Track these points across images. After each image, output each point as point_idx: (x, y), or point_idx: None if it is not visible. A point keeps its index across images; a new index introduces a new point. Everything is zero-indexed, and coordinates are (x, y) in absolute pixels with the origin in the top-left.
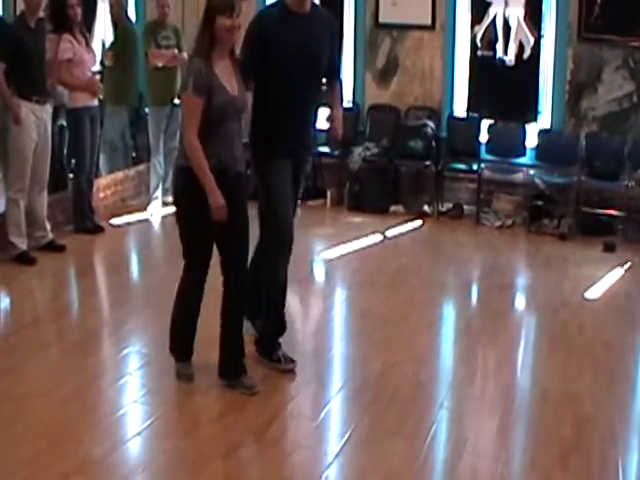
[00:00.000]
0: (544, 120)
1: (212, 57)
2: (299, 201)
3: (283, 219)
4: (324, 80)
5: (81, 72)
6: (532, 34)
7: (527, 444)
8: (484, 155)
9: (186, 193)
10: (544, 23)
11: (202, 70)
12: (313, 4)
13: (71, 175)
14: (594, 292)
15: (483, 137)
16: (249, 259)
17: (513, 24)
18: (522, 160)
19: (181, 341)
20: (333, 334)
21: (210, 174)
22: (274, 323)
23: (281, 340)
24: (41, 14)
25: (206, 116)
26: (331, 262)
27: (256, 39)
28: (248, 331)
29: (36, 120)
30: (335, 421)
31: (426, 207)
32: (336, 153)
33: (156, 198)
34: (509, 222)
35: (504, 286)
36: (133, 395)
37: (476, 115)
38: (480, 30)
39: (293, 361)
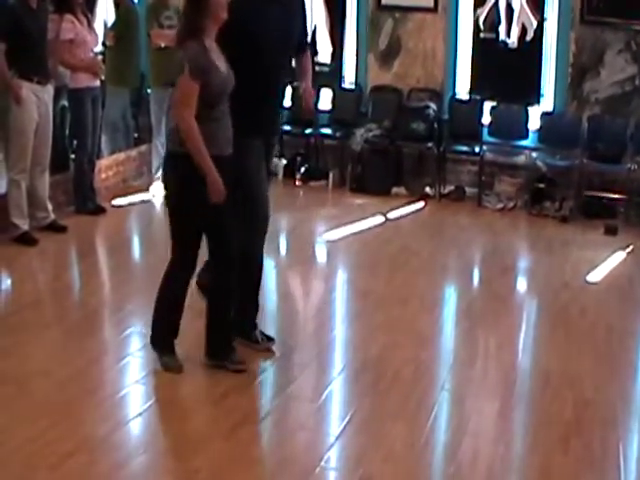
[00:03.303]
0: (546, 103)
1: (206, 37)
2: (272, 177)
3: (259, 198)
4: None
5: (83, 53)
6: (535, 17)
7: (528, 427)
8: (486, 137)
9: (183, 181)
10: (547, 6)
11: (199, 53)
12: None
13: (73, 156)
14: (596, 275)
15: (485, 119)
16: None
17: (516, 6)
18: (524, 142)
19: (169, 331)
20: (334, 316)
21: (209, 156)
22: (251, 303)
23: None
24: None
25: (202, 99)
26: (333, 244)
27: (232, 21)
28: None
29: (37, 101)
30: (336, 403)
31: (428, 189)
32: (338, 135)
33: (158, 179)
34: (511, 205)
35: (505, 269)
36: (134, 376)
37: (478, 97)
38: (483, 12)
39: (271, 339)
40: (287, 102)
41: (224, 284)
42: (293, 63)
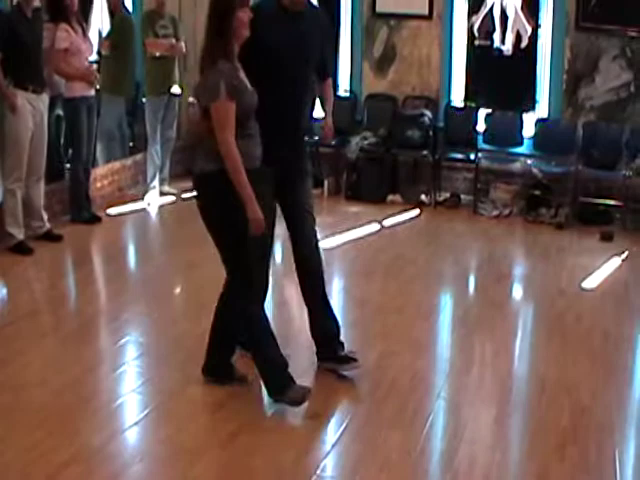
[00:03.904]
0: (541, 109)
1: (233, 57)
2: (309, 205)
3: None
4: (315, 81)
5: (78, 61)
6: (529, 23)
7: (524, 434)
8: (481, 145)
9: (221, 196)
10: (541, 12)
11: (232, 75)
12: (308, 2)
13: (68, 165)
14: (591, 282)
15: (480, 126)
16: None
17: (510, 13)
18: (519, 149)
19: (279, 364)
20: None
21: (249, 184)
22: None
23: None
24: (38, 3)
25: (236, 118)
26: (328, 251)
27: (250, 37)
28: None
29: (32, 109)
30: (332, 411)
31: (423, 197)
32: (333, 143)
33: (153, 188)
34: (506, 212)
35: (501, 276)
36: (130, 384)
37: (473, 104)
38: (477, 20)
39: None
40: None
41: (238, 307)
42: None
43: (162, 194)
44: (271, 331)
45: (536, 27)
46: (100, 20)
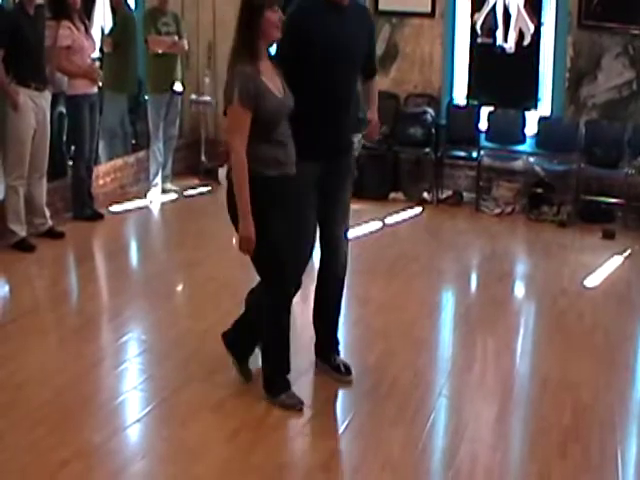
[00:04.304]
0: (544, 107)
1: (258, 59)
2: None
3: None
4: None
5: (80, 59)
6: (532, 21)
7: (526, 432)
8: (484, 142)
9: (259, 200)
10: (544, 10)
11: (249, 79)
12: None
13: (70, 162)
14: (593, 280)
15: (483, 124)
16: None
17: (513, 11)
18: (522, 147)
19: (283, 369)
20: None
21: (248, 197)
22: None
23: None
24: (40, 1)
25: (258, 123)
26: None
27: (296, 32)
28: None
29: (35, 107)
30: (334, 408)
31: (425, 194)
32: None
33: (155, 185)
34: (508, 209)
35: (503, 273)
36: (132, 382)
37: (476, 102)
38: (480, 17)
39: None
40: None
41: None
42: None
43: (164, 192)
44: (288, 335)
45: (539, 25)
46: (102, 17)
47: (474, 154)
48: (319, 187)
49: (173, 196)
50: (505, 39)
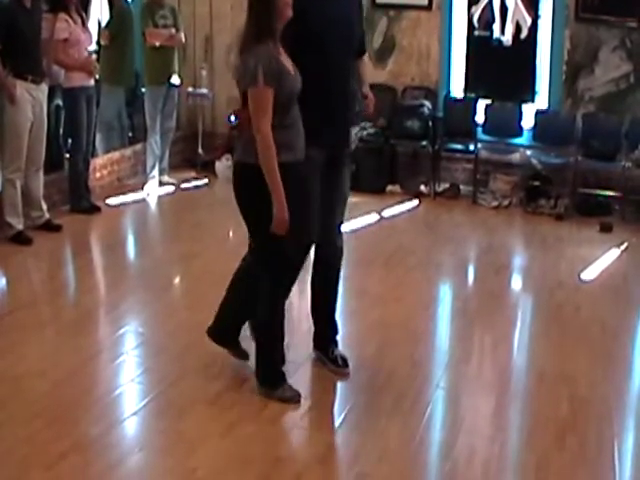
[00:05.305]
0: (541, 100)
1: (275, 39)
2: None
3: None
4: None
5: (77, 52)
6: (529, 14)
7: (523, 424)
8: (481, 135)
9: (258, 190)
10: (541, 3)
11: (272, 59)
12: None
13: (67, 155)
14: (590, 273)
15: (480, 117)
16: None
17: (510, 4)
18: (519, 140)
19: (278, 360)
20: None
21: (279, 179)
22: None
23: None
24: None
25: (276, 105)
26: None
27: (293, 12)
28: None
29: (32, 100)
30: (332, 400)
31: (423, 187)
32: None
33: (152, 178)
34: (505, 202)
35: (500, 266)
36: (129, 374)
37: (473, 95)
38: (477, 10)
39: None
40: None
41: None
42: None
43: (161, 184)
44: (283, 325)
45: (536, 18)
46: (99, 10)
47: (471, 147)
48: (321, 176)
49: (170, 189)
50: (502, 32)
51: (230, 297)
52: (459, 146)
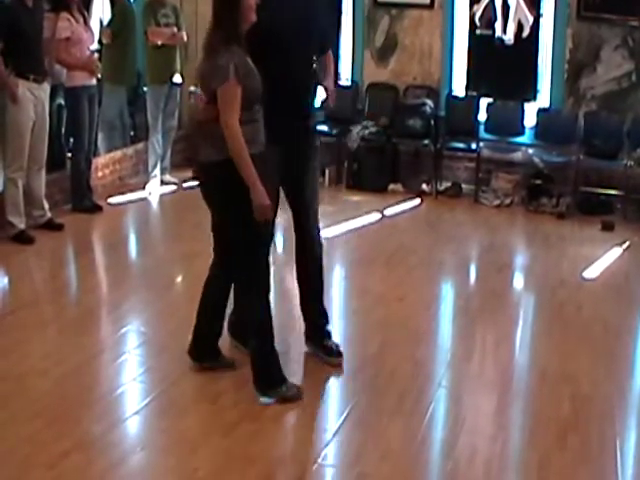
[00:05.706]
0: (543, 99)
1: (242, 41)
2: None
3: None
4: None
5: (79, 51)
6: (531, 13)
7: (525, 423)
8: (483, 134)
9: (229, 185)
10: (543, 2)
11: (242, 58)
12: None
13: (69, 154)
14: (592, 271)
15: (482, 116)
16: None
17: (512, 3)
18: (521, 139)
19: (278, 361)
20: (331, 312)
21: (252, 167)
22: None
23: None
24: None
25: (243, 102)
26: (329, 241)
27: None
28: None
29: (34, 99)
30: (334, 400)
31: (424, 186)
32: (334, 132)
33: (154, 177)
34: (507, 201)
35: (502, 265)
36: (132, 373)
37: (475, 94)
38: (479, 9)
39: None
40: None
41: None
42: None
43: (163, 183)
44: (271, 325)
45: (538, 16)
46: (101, 9)
47: (473, 146)
48: (283, 172)
49: (172, 188)
50: (504, 31)
51: (202, 309)
52: (461, 145)
